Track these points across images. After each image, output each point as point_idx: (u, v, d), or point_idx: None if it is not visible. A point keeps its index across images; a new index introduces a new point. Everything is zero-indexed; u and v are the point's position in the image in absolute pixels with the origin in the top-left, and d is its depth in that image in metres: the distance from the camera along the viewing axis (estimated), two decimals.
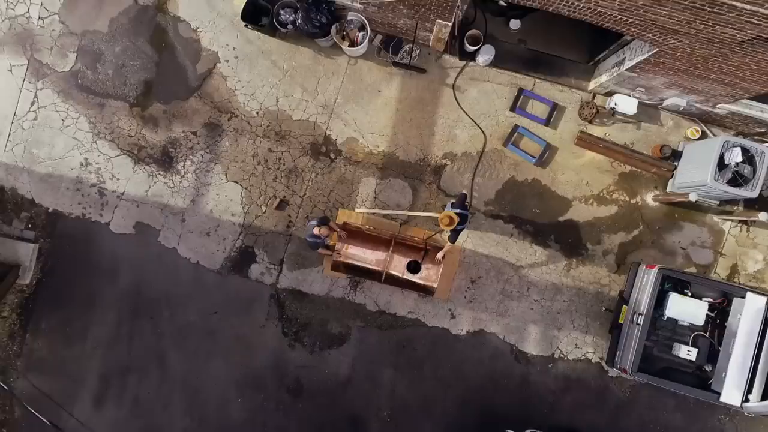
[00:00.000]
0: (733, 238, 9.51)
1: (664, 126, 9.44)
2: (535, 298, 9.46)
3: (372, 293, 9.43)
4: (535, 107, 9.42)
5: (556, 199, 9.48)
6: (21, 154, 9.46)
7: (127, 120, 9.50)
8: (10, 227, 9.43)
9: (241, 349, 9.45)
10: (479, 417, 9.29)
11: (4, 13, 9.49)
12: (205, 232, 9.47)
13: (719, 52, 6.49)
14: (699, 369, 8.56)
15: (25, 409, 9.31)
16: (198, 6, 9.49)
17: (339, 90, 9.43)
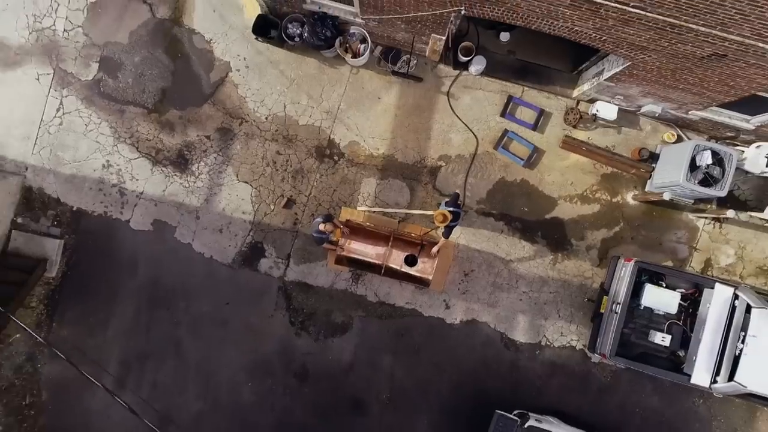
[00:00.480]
0: (707, 234, 10.26)
1: (643, 130, 10.19)
2: (524, 289, 10.21)
3: (372, 285, 10.18)
4: (523, 113, 10.17)
5: (543, 199, 10.23)
6: (47, 157, 10.21)
7: (145, 125, 10.25)
8: (37, 224, 10.17)
9: (251, 337, 10.19)
10: (472, 399, 10.02)
11: (32, 26, 10.24)
12: (217, 228, 10.22)
13: (684, 66, 7.25)
14: (673, 354, 9.30)
15: (51, 393, 10.11)
16: (211, 19, 10.24)
17: (342, 97, 10.18)
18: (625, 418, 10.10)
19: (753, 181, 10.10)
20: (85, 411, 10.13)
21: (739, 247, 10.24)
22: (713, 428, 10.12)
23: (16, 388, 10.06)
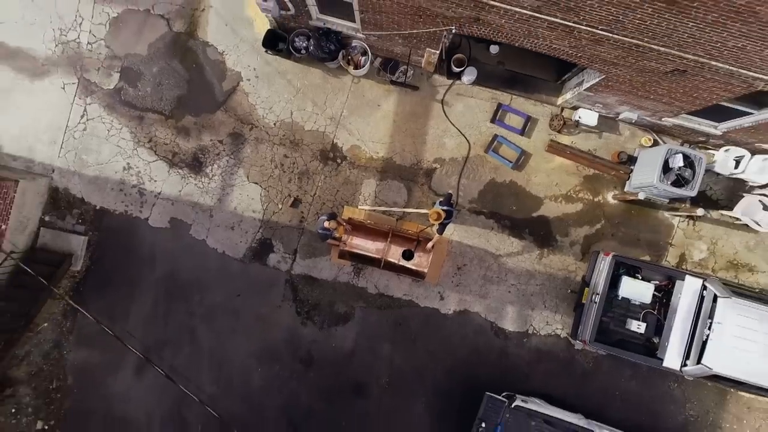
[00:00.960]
0: (682, 231, 11.10)
1: (622, 135, 11.04)
2: (512, 282, 11.05)
3: (372, 278, 11.02)
4: (511, 119, 11.02)
5: (530, 198, 11.08)
6: (72, 160, 11.06)
7: (163, 130, 11.10)
8: (63, 222, 11.02)
9: (261, 326, 11.03)
10: (464, 383, 10.85)
11: (58, 38, 11.10)
12: (229, 226, 11.07)
13: (651, 79, 8.10)
14: (648, 340, 10.13)
15: (76, 378, 10.96)
16: (224, 33, 11.09)
17: (344, 104, 11.03)
18: (605, 400, 10.92)
19: (723, 182, 10.94)
20: (107, 394, 10.97)
21: (711, 242, 11.08)
22: (687, 410, 10.95)
23: (44, 373, 10.91)
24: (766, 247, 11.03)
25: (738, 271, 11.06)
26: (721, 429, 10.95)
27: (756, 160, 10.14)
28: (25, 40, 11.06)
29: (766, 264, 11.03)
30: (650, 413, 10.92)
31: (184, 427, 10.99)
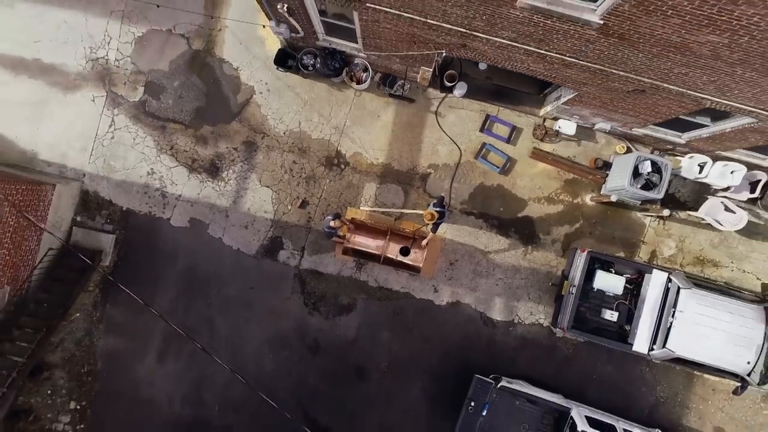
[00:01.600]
0: (653, 229, 12.25)
1: (598, 143, 12.19)
2: (500, 276, 12.20)
3: (373, 273, 12.18)
4: (499, 129, 12.17)
5: (516, 200, 12.23)
6: (101, 166, 12.22)
7: (183, 139, 12.26)
8: (93, 222, 12.18)
9: (272, 316, 12.18)
10: (456, 367, 12.00)
11: (88, 56, 12.26)
12: (243, 225, 12.22)
13: (617, 96, 9.26)
14: (620, 328, 11.28)
15: (105, 362, 12.10)
16: (238, 50, 12.25)
17: (347, 115, 12.18)
18: (584, 383, 12.06)
19: (690, 185, 12.08)
20: (133, 378, 12.12)
21: (680, 240, 12.23)
22: (658, 392, 12.09)
23: (77, 358, 12.06)
24: (728, 244, 12.18)
25: (704, 266, 12.21)
26: (688, 409, 12.09)
27: (717, 166, 11.27)
28: (59, 57, 12.22)
29: (729, 260, 12.18)
30: (624, 395, 12.06)
31: (203, 407, 12.13)
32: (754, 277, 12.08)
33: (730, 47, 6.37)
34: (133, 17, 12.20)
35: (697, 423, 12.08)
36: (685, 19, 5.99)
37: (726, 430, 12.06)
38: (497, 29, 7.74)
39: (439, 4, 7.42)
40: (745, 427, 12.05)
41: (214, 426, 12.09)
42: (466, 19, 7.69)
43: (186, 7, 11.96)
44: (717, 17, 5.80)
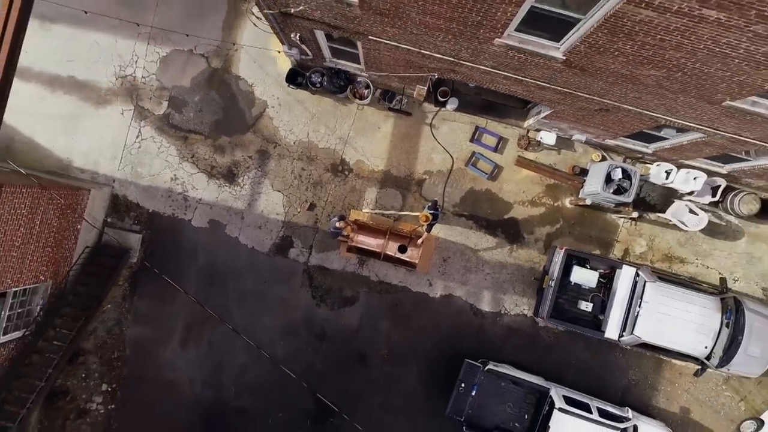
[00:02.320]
0: (626, 229, 13.61)
1: (577, 152, 13.55)
2: (488, 271, 13.56)
3: (374, 268, 13.53)
4: (487, 139, 13.52)
5: (502, 203, 13.59)
6: (130, 172, 13.58)
7: (203, 148, 13.62)
8: (122, 222, 13.53)
9: (283, 308, 13.53)
10: (448, 353, 13.34)
11: (118, 73, 13.61)
12: (257, 226, 13.58)
13: (587, 113, 10.62)
14: (595, 317, 12.63)
15: (132, 349, 13.44)
16: (253, 68, 13.61)
17: (351, 127, 13.54)
18: (563, 368, 13.41)
19: (659, 190, 13.43)
20: (158, 363, 13.47)
21: (650, 239, 13.59)
22: (630, 375, 13.45)
23: (108, 345, 13.41)
24: (694, 243, 13.54)
25: (672, 262, 13.57)
26: (657, 391, 13.46)
27: (681, 173, 12.61)
28: (91, 75, 13.58)
29: (694, 256, 13.55)
30: (599, 378, 13.42)
31: (221, 389, 13.48)
32: (716, 272, 13.43)
33: (668, 79, 7.73)
34: (158, 39, 13.55)
35: (665, 404, 13.43)
36: (629, 58, 7.36)
37: (691, 409, 13.43)
38: (480, 59, 9.10)
39: (431, 39, 8.79)
40: (708, 407, 13.41)
41: (231, 406, 13.44)
42: (454, 51, 9.05)
43: (205, 33, 13.30)
44: (653, 58, 7.16)
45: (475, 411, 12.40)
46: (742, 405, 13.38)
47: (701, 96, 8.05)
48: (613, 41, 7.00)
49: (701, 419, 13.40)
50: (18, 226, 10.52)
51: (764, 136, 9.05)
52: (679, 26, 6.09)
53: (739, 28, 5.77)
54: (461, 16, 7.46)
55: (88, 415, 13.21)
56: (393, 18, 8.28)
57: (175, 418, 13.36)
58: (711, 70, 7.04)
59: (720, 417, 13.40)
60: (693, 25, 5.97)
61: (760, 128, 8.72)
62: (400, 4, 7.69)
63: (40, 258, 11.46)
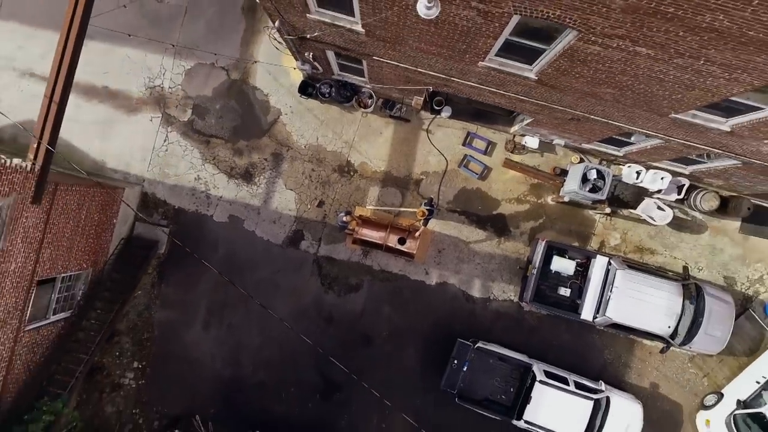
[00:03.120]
0: (602, 224, 15.20)
1: (558, 155, 15.14)
2: (478, 261, 15.15)
3: (376, 259, 15.12)
4: (477, 143, 15.11)
5: (491, 200, 15.18)
6: (158, 172, 15.17)
7: (223, 151, 15.21)
8: (152, 218, 15.12)
9: (295, 294, 15.11)
10: (442, 334, 14.91)
11: (147, 84, 15.21)
12: (272, 220, 15.17)
13: (562, 122, 12.21)
14: (572, 301, 14.19)
15: (160, 330, 15.02)
16: (268, 80, 15.20)
17: (356, 133, 15.13)
18: (546, 348, 14.98)
19: (631, 189, 15.02)
20: (183, 343, 15.06)
21: (623, 232, 15.18)
22: (605, 354, 15.03)
23: (139, 327, 15.00)
24: (662, 236, 15.13)
25: (643, 253, 15.17)
26: (630, 368, 15.04)
27: (650, 173, 14.20)
28: (123, 85, 15.17)
29: (663, 248, 15.14)
30: (578, 357, 15.00)
31: (239, 366, 15.07)
32: (682, 262, 15.03)
33: (622, 96, 9.32)
34: (183, 54, 15.15)
35: (636, 380, 15.02)
36: (588, 79, 8.94)
37: (660, 385, 15.02)
38: (468, 77, 10.69)
39: (426, 60, 10.37)
40: (675, 383, 15.00)
41: (249, 382, 15.03)
42: (445, 70, 10.64)
43: (225, 49, 14.90)
44: (607, 80, 8.75)
45: (467, 385, 13.97)
46: (705, 380, 14.98)
47: (651, 109, 9.64)
48: (573, 66, 8.59)
49: (669, 393, 14.99)
50: (68, 220, 12.10)
51: (709, 142, 10.63)
52: (621, 57, 7.68)
53: (664, 60, 7.36)
54: (450, 44, 9.05)
55: (122, 389, 14.81)
56: (394, 44, 9.87)
57: (198, 392, 14.94)
58: (653, 90, 8.63)
59: (685, 391, 14.99)
60: (631, 57, 7.56)
61: (704, 136, 10.31)
62: (400, 34, 9.27)
63: (83, 248, 13.04)
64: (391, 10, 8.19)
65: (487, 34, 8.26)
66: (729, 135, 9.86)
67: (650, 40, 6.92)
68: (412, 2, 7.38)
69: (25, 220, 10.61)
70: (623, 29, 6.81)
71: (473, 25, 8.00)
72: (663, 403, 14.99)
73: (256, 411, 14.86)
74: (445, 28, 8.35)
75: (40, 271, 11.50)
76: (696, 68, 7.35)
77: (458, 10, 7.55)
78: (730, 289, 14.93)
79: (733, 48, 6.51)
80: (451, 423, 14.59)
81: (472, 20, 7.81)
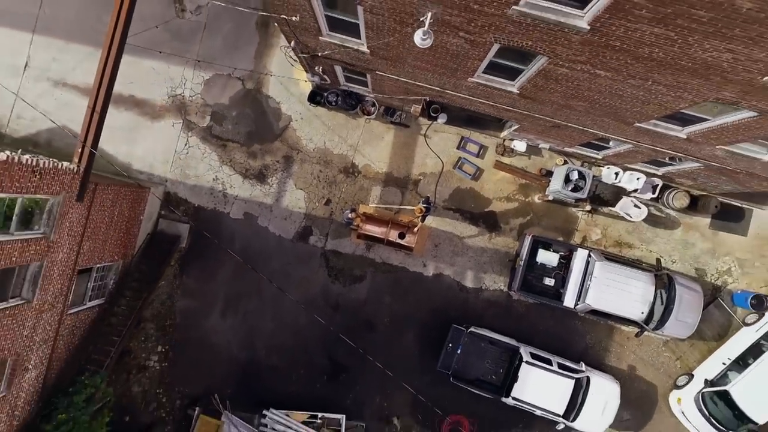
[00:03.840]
0: (584, 221, 16.68)
1: (544, 157, 16.62)
2: (471, 255, 16.62)
3: (379, 252, 16.60)
4: (471, 146, 16.58)
5: (483, 199, 16.65)
6: (179, 173, 16.64)
7: (239, 154, 16.69)
8: (174, 215, 16.59)
9: (304, 284, 16.58)
10: (439, 320, 16.37)
11: (169, 93, 16.69)
12: (283, 217, 16.64)
13: (545, 128, 13.68)
14: (556, 290, 15.66)
15: (182, 317, 16.49)
16: (280, 90, 16.68)
17: (360, 137, 16.61)
18: (533, 333, 16.44)
19: (611, 188, 16.48)
20: (203, 329, 16.52)
21: (604, 228, 16.66)
22: (587, 339, 16.51)
23: (162, 314, 16.46)
24: (639, 231, 16.61)
25: (621, 247, 16.65)
26: (609, 352, 16.52)
27: (627, 174, 15.67)
28: (148, 94, 16.65)
29: (640, 242, 16.61)
30: (562, 341, 16.47)
31: (253, 350, 16.53)
32: (657, 255, 16.50)
33: (593, 108, 10.79)
34: (202, 65, 16.62)
35: (615, 362, 16.50)
36: (562, 94, 10.42)
37: (637, 367, 16.49)
38: (460, 90, 12.17)
39: (422, 75, 11.85)
40: (650, 365, 16.48)
41: (262, 364, 16.50)
42: (440, 83, 12.12)
43: (241, 62, 16.39)
44: (577, 94, 10.22)
45: (460, 366, 15.45)
46: (678, 363, 16.46)
47: (618, 119, 11.12)
48: (548, 83, 10.07)
49: (644, 375, 16.47)
50: (104, 216, 13.57)
51: (672, 147, 12.11)
52: (585, 78, 9.16)
53: (620, 80, 8.83)
54: (443, 64, 10.53)
55: (147, 370, 16.27)
56: (395, 62, 11.35)
57: (216, 373, 16.40)
58: (616, 104, 10.11)
59: (660, 373, 16.47)
60: (593, 77, 9.04)
61: (667, 142, 11.79)
62: (400, 54, 10.75)
63: (115, 242, 14.51)
64: (392, 37, 9.66)
65: (474, 57, 9.75)
66: (687, 141, 11.34)
67: (607, 65, 8.40)
68: (410, 32, 8.85)
69: (71, 216, 12.07)
70: (584, 56, 8.29)
71: (462, 50, 9.48)
72: (639, 383, 16.46)
73: (269, 391, 16.32)
74: (438, 51, 9.83)
75: (80, 261, 12.96)
76: (647, 87, 8.82)
77: (449, 38, 9.02)
78: (700, 280, 16.41)
79: (671, 73, 7.99)
80: (446, 400, 16.04)
81: (461, 46, 9.28)
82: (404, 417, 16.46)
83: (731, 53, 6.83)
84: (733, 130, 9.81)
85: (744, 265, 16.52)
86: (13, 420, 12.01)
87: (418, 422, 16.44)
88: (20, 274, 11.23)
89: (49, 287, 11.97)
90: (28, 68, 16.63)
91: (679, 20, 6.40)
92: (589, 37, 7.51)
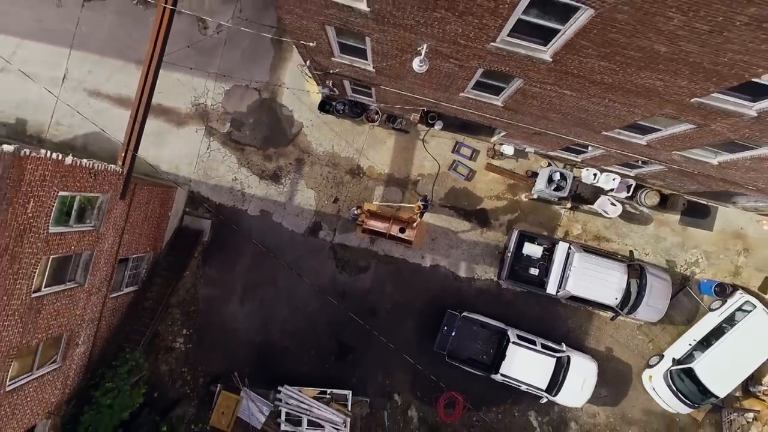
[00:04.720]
0: (566, 217, 18.52)
1: (530, 160, 18.47)
2: (465, 248, 18.46)
3: (381, 245, 18.44)
4: (464, 150, 18.43)
5: (476, 198, 18.49)
6: (202, 174, 18.49)
7: (255, 157, 18.54)
8: (197, 212, 18.44)
9: (314, 274, 18.41)
10: (435, 307, 18.20)
11: (193, 101, 18.54)
12: (296, 214, 18.49)
13: (528, 135, 15.53)
14: (540, 279, 17.50)
15: (204, 304, 18.34)
16: (292, 99, 18.53)
17: (364, 142, 18.46)
18: (520, 318, 18.27)
19: (590, 188, 18.33)
20: (223, 314, 18.36)
21: (584, 224, 18.51)
22: (569, 324, 18.35)
23: (186, 301, 18.31)
24: (616, 227, 18.46)
25: (600, 241, 18.49)
26: (589, 335, 18.36)
27: (604, 175, 17.53)
28: (174, 103, 18.50)
29: (617, 237, 18.46)
30: (546, 325, 18.31)
31: (269, 336, 18.37)
32: (632, 248, 18.35)
33: (566, 119, 12.64)
34: (223, 77, 18.47)
35: (594, 344, 18.34)
36: (539, 107, 12.26)
37: (614, 348, 18.34)
38: (453, 102, 14.02)
39: (420, 90, 13.70)
40: (626, 347, 18.32)
41: (276, 346, 18.33)
42: (435, 97, 13.97)
43: (257, 73, 18.24)
44: (552, 108, 12.06)
45: (454, 347, 17.29)
46: (651, 345, 18.30)
47: (588, 128, 12.97)
48: (526, 99, 11.92)
49: (620, 355, 18.31)
50: (140, 212, 15.42)
51: (637, 152, 13.96)
52: (555, 95, 11.00)
53: (583, 98, 10.68)
54: (437, 82, 12.38)
55: (173, 351, 18.12)
56: (396, 79, 13.20)
57: (235, 354, 18.23)
58: (583, 116, 11.96)
59: (634, 354, 18.31)
60: (561, 95, 10.88)
61: (632, 148, 13.63)
62: (401, 74, 12.60)
63: (148, 235, 16.36)
64: (394, 61, 11.52)
65: (463, 77, 11.60)
66: (648, 147, 13.20)
67: (570, 87, 10.25)
68: (409, 58, 10.70)
69: (115, 211, 13.92)
70: (551, 80, 10.14)
71: (453, 72, 11.33)
72: (616, 363, 18.30)
73: (283, 370, 18.16)
74: (433, 72, 11.69)
75: (121, 251, 14.80)
76: (605, 104, 10.68)
77: (441, 63, 10.87)
78: (671, 270, 18.26)
79: (621, 93, 9.84)
80: (442, 378, 17.86)
81: (452, 69, 11.14)
82: (404, 393, 18.31)
83: (662, 81, 8.68)
84: (681, 139, 11.66)
85: (710, 257, 18.36)
86: (65, 388, 13.85)
87: (416, 398, 18.28)
88: (75, 261, 13.07)
89: (97, 273, 13.81)
90: (66, 80, 18.48)
91: (617, 57, 8.25)
92: (552, 66, 9.35)
